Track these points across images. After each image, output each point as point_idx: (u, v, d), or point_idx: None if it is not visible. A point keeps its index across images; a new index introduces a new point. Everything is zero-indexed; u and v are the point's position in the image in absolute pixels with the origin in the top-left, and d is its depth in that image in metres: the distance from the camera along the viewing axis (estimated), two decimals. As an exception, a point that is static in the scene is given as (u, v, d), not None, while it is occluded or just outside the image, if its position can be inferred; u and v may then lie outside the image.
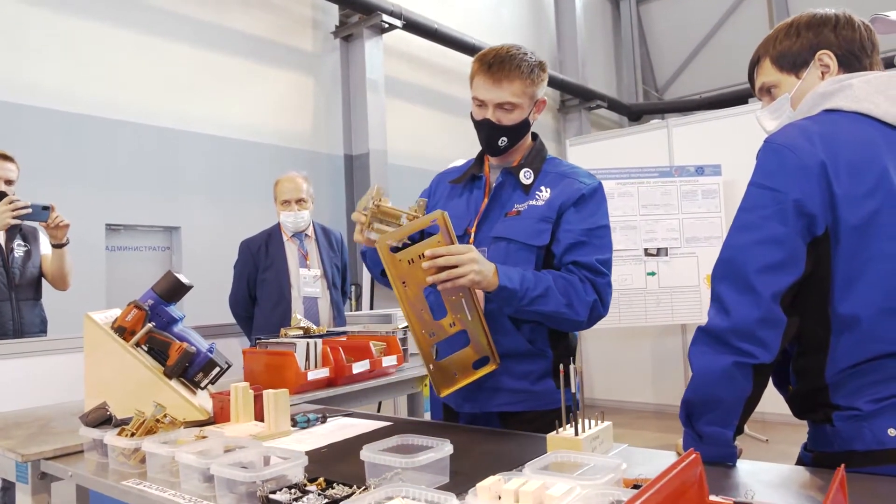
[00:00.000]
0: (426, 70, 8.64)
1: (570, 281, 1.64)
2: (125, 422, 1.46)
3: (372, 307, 4.80)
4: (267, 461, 1.23)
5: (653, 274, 5.41)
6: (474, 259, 1.53)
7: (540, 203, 1.73)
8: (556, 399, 1.37)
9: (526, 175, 1.77)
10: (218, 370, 1.82)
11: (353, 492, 1.12)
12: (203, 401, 1.80)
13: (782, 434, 4.81)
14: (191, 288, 1.89)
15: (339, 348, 2.38)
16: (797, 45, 1.32)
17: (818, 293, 1.17)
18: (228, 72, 6.29)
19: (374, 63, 7.49)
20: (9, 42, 4.82)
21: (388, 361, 2.52)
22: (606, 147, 6.59)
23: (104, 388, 1.72)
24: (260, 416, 1.66)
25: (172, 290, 1.85)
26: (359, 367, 2.40)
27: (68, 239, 3.01)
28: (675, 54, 13.58)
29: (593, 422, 1.37)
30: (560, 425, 1.35)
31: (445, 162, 3.17)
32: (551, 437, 1.32)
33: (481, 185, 1.84)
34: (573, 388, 1.32)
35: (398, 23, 7.54)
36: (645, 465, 1.26)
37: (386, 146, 7.51)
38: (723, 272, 1.21)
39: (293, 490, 1.12)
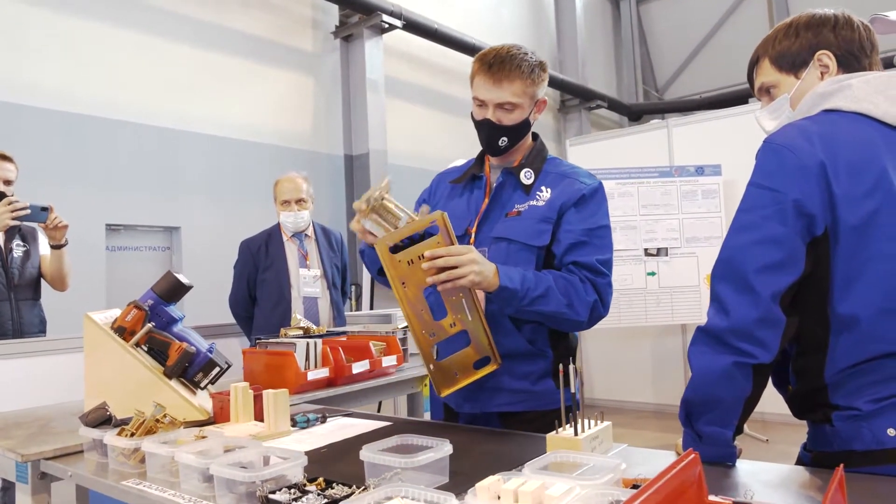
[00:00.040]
0: (426, 70, 8.64)
1: (570, 281, 1.64)
2: (125, 422, 1.46)
3: (372, 307, 4.80)
4: (266, 461, 1.23)
5: (653, 274, 5.41)
6: (474, 260, 1.53)
7: (540, 203, 1.73)
8: (557, 399, 1.37)
9: (526, 175, 1.77)
10: (218, 370, 1.82)
11: (353, 492, 1.12)
12: (203, 401, 1.80)
13: (782, 434, 4.81)
14: (190, 288, 1.89)
15: (339, 348, 2.38)
16: (796, 46, 1.32)
17: (817, 293, 1.17)
18: (228, 72, 6.30)
19: (374, 63, 7.49)
20: (9, 42, 4.82)
21: (388, 361, 2.52)
22: (606, 147, 6.59)
23: (104, 388, 1.72)
24: (260, 416, 1.66)
25: (172, 290, 1.85)
26: (358, 367, 2.40)
27: (67, 240, 3.01)
28: (676, 54, 13.58)
29: (593, 422, 1.37)
30: (559, 425, 1.35)
31: (445, 162, 3.17)
32: (551, 437, 1.32)
33: (482, 185, 1.83)
34: (573, 388, 1.32)
35: (398, 23, 7.54)
36: (644, 465, 1.25)
37: (386, 146, 7.51)
38: (722, 272, 1.21)
39: (293, 490, 1.12)
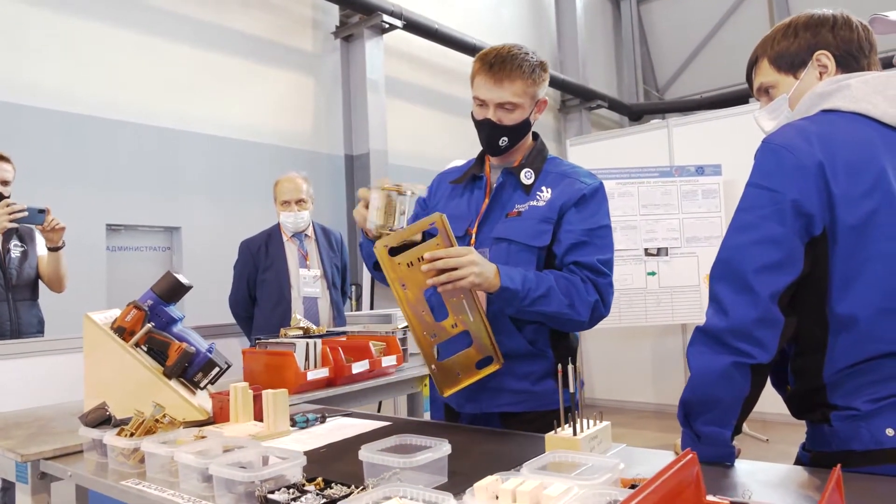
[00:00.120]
0: (427, 70, 8.64)
1: (571, 281, 1.64)
2: (124, 422, 1.47)
3: (372, 307, 4.80)
4: (265, 461, 1.23)
5: (653, 274, 5.41)
6: (474, 261, 1.52)
7: (541, 203, 1.72)
8: (557, 399, 1.37)
9: (527, 175, 1.76)
10: (217, 370, 1.82)
11: (352, 492, 1.12)
12: (202, 401, 1.80)
13: (782, 434, 4.81)
14: (190, 288, 1.89)
15: (339, 348, 2.39)
16: (795, 46, 1.32)
17: (816, 293, 1.17)
18: (229, 72, 6.30)
19: (375, 63, 7.49)
20: (9, 42, 4.82)
21: (388, 361, 2.53)
22: (607, 147, 6.59)
23: (104, 389, 1.72)
24: (259, 416, 1.66)
25: (172, 290, 1.85)
26: (358, 367, 2.40)
27: (64, 242, 3.01)
28: (676, 54, 13.58)
29: (592, 422, 1.37)
30: (558, 425, 1.35)
31: (446, 162, 3.17)
32: (549, 436, 1.32)
33: (482, 186, 1.83)
34: (571, 388, 1.32)
35: (398, 23, 7.54)
36: (643, 465, 1.25)
37: (386, 146, 7.51)
38: (721, 272, 1.21)
39: (291, 490, 1.13)
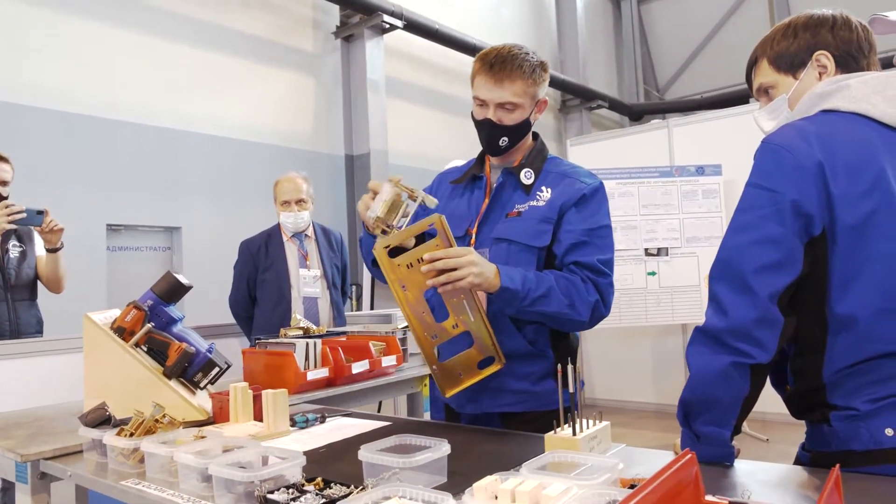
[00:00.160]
0: (427, 70, 8.65)
1: (571, 281, 1.64)
2: (124, 422, 1.47)
3: (372, 307, 4.80)
4: (265, 461, 1.23)
5: (653, 274, 5.41)
6: (473, 261, 1.52)
7: (541, 204, 1.72)
8: (557, 400, 1.37)
9: (527, 175, 1.76)
10: (217, 370, 1.82)
11: (351, 491, 1.12)
12: (202, 401, 1.80)
13: (783, 434, 4.81)
14: (190, 288, 1.89)
15: (339, 348, 2.39)
16: (794, 46, 1.32)
17: (815, 293, 1.17)
18: (229, 72, 6.30)
19: (375, 63, 7.49)
20: (9, 42, 4.83)
21: (388, 361, 2.53)
22: (607, 147, 6.59)
23: (103, 389, 1.73)
24: (259, 416, 1.66)
25: (171, 290, 1.85)
26: (358, 367, 2.40)
27: (63, 243, 3.01)
28: (677, 54, 13.58)
29: (591, 422, 1.37)
30: (558, 425, 1.35)
31: (446, 162, 3.17)
32: (549, 436, 1.32)
33: (482, 186, 1.83)
34: (571, 388, 1.32)
35: (399, 23, 7.54)
36: (643, 465, 1.26)
37: (387, 146, 7.51)
38: (720, 272, 1.21)
39: (291, 490, 1.13)
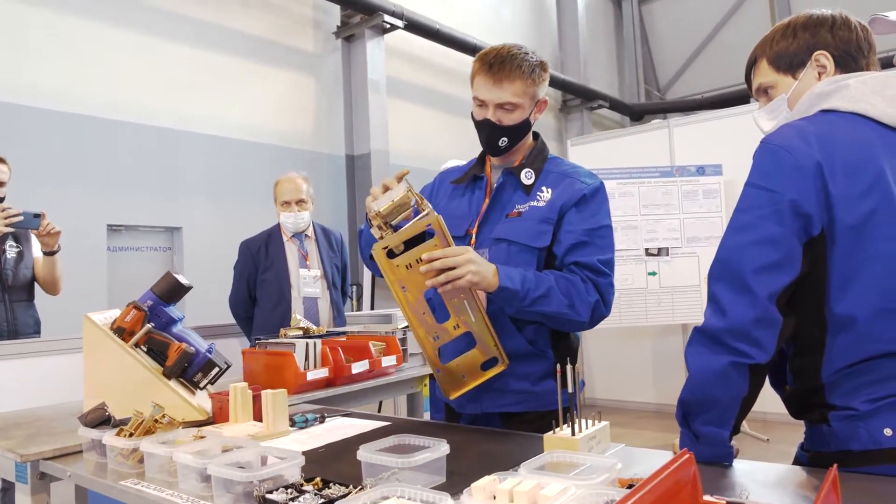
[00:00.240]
0: (428, 70, 8.65)
1: (571, 281, 1.64)
2: (124, 422, 1.47)
3: (373, 307, 4.80)
4: (264, 461, 1.23)
5: (654, 274, 5.41)
6: (471, 260, 1.53)
7: (541, 204, 1.72)
8: (557, 400, 1.37)
9: (527, 175, 1.76)
10: (217, 370, 1.82)
11: (350, 491, 1.12)
12: (202, 401, 1.80)
13: (783, 434, 4.81)
14: (190, 289, 1.89)
15: (339, 348, 2.39)
16: (794, 46, 1.32)
17: (814, 293, 1.17)
18: (229, 72, 6.30)
19: (376, 63, 7.49)
20: (9, 42, 4.83)
21: (388, 361, 2.53)
22: (608, 147, 6.59)
23: (103, 389, 1.73)
24: (258, 416, 1.67)
25: (171, 290, 1.85)
26: (358, 367, 2.40)
27: (60, 246, 3.01)
28: (677, 54, 13.57)
29: (590, 422, 1.37)
30: (557, 425, 1.35)
31: (447, 162, 3.17)
32: (548, 437, 1.32)
33: (482, 186, 1.83)
34: (570, 388, 1.32)
35: (399, 23, 7.54)
36: (642, 465, 1.26)
37: (388, 146, 7.51)
38: (719, 272, 1.21)
39: (290, 490, 1.13)
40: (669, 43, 13.63)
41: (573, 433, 1.30)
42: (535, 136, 1.85)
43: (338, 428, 1.69)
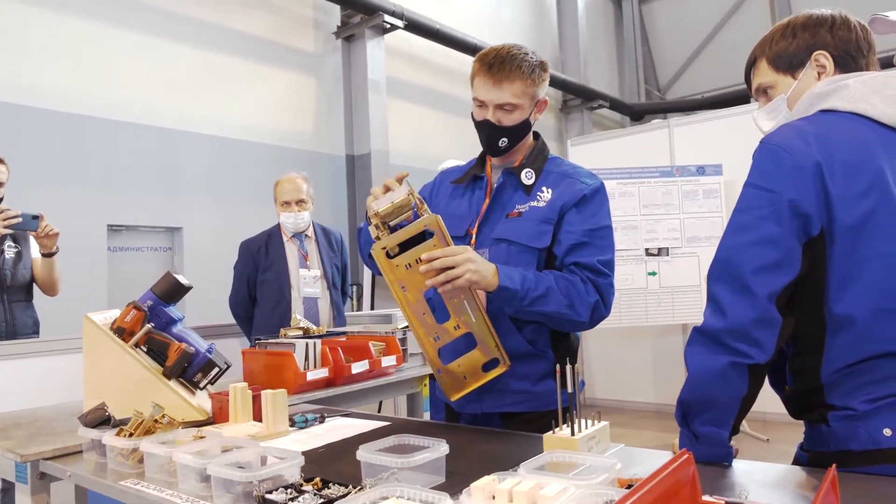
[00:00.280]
0: (428, 70, 8.65)
1: (571, 281, 1.64)
2: (123, 422, 1.47)
3: (373, 307, 4.80)
4: (264, 461, 1.23)
5: (654, 274, 5.41)
6: (470, 258, 1.53)
7: (541, 204, 1.72)
8: (557, 400, 1.37)
9: (527, 175, 1.76)
10: (217, 370, 1.82)
11: (349, 492, 1.12)
12: (202, 401, 1.80)
13: (783, 433, 4.81)
14: (190, 289, 1.89)
15: (339, 348, 2.39)
16: (793, 46, 1.32)
17: (813, 293, 1.17)
18: (229, 72, 6.30)
19: (376, 63, 7.49)
20: (9, 43, 4.83)
21: (388, 361, 2.53)
22: (608, 147, 6.59)
23: (103, 389, 1.73)
24: (258, 416, 1.67)
25: (171, 290, 1.85)
26: (358, 367, 2.40)
27: (58, 248, 3.01)
28: (678, 54, 13.57)
29: (590, 422, 1.37)
30: (556, 425, 1.35)
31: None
32: (547, 437, 1.32)
33: (483, 186, 1.83)
34: (570, 388, 1.32)
35: (400, 23, 7.54)
36: (642, 465, 1.26)
37: (388, 146, 7.51)
38: (718, 273, 1.21)
39: (289, 490, 1.13)
40: (670, 43, 13.62)
41: (573, 433, 1.30)
42: (536, 136, 1.85)
43: (337, 428, 1.69)
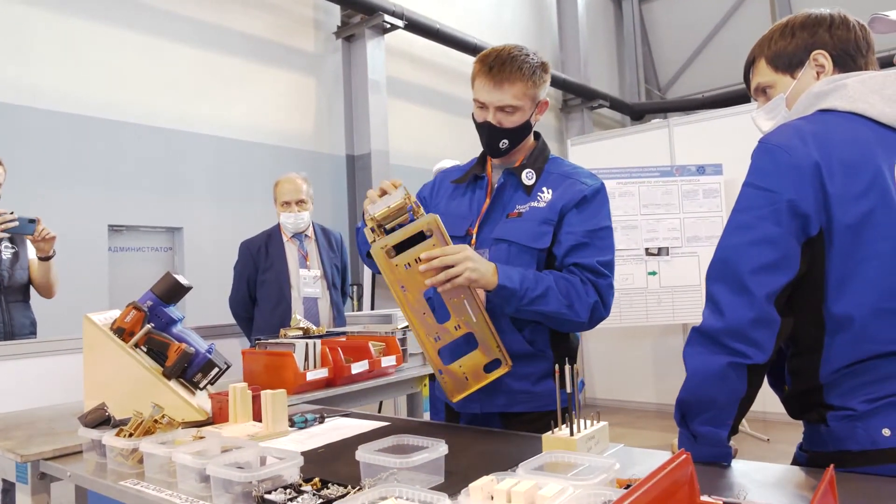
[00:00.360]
0: (428, 70, 8.64)
1: (571, 282, 1.64)
2: (123, 422, 1.47)
3: (373, 307, 4.80)
4: (263, 461, 1.24)
5: (654, 273, 5.41)
6: (469, 257, 1.53)
7: (541, 205, 1.72)
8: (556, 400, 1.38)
9: (528, 176, 1.76)
10: (217, 371, 1.82)
11: (348, 492, 1.12)
12: (202, 401, 1.80)
13: (783, 433, 4.81)
14: (189, 289, 1.89)
15: (338, 349, 2.39)
16: (792, 46, 1.32)
17: (812, 293, 1.17)
18: (230, 73, 6.30)
19: (376, 63, 7.49)
20: (11, 44, 4.83)
21: (387, 361, 2.52)
22: (608, 147, 6.59)
23: (103, 389, 1.73)
24: (258, 416, 1.67)
25: (171, 291, 1.85)
26: (358, 367, 2.40)
27: (55, 251, 3.01)
28: (678, 53, 13.56)
29: (589, 422, 1.37)
30: (556, 425, 1.35)
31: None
32: (546, 437, 1.32)
33: (483, 186, 1.83)
34: (569, 388, 1.32)
35: (400, 23, 7.54)
36: (641, 465, 1.26)
37: (388, 146, 7.51)
38: (717, 273, 1.21)
39: (288, 490, 1.13)
40: (670, 42, 13.61)
41: (572, 433, 1.30)
42: (537, 136, 1.85)
43: (337, 428, 1.69)
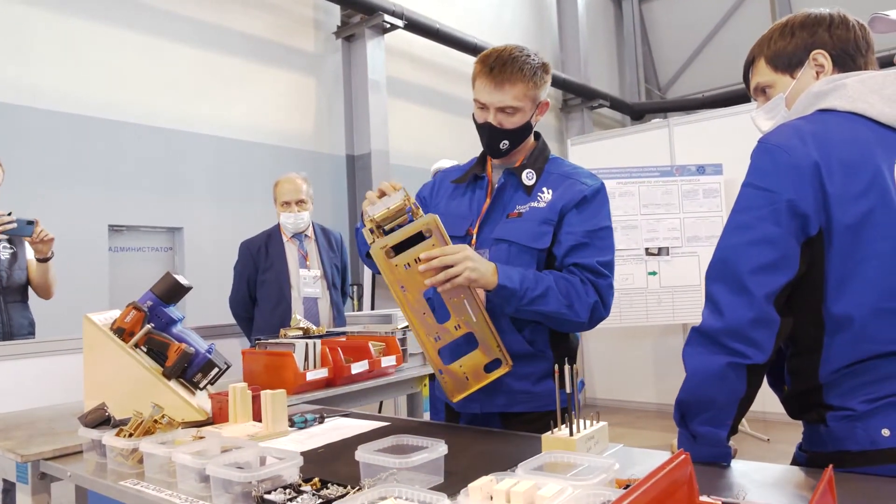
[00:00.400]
0: (428, 70, 8.64)
1: (571, 282, 1.64)
2: (123, 422, 1.47)
3: (373, 307, 4.80)
4: (263, 461, 1.24)
5: (654, 273, 5.40)
6: (468, 257, 1.53)
7: (542, 205, 1.72)
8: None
9: (528, 176, 1.76)
10: (217, 371, 1.82)
11: (348, 492, 1.12)
12: (202, 401, 1.80)
13: (784, 433, 4.80)
14: (189, 289, 1.89)
15: (338, 349, 2.39)
16: (792, 45, 1.32)
17: (812, 293, 1.17)
18: (230, 72, 6.30)
19: (376, 63, 7.49)
20: (11, 44, 4.83)
21: (387, 361, 2.52)
22: (608, 146, 6.58)
23: (103, 389, 1.73)
24: (258, 416, 1.67)
25: (171, 291, 1.85)
26: (357, 367, 2.40)
27: (53, 252, 3.01)
28: (678, 53, 13.56)
29: (589, 422, 1.37)
30: (555, 425, 1.35)
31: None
32: (546, 437, 1.32)
33: (483, 186, 1.83)
34: (568, 389, 1.32)
35: (400, 23, 7.54)
36: (641, 465, 1.26)
37: (388, 146, 7.51)
38: (717, 273, 1.21)
39: (288, 490, 1.13)
40: (670, 42, 13.61)
41: (571, 433, 1.30)
42: (537, 136, 1.85)
43: (337, 428, 1.69)
